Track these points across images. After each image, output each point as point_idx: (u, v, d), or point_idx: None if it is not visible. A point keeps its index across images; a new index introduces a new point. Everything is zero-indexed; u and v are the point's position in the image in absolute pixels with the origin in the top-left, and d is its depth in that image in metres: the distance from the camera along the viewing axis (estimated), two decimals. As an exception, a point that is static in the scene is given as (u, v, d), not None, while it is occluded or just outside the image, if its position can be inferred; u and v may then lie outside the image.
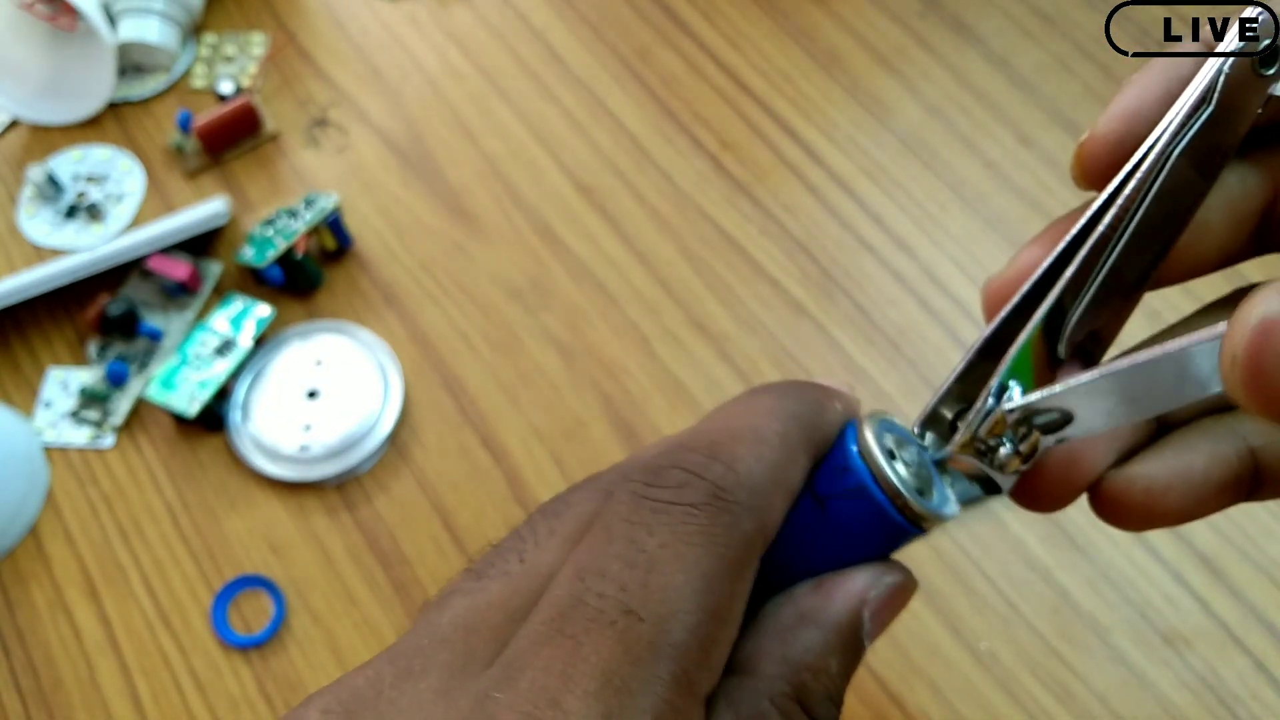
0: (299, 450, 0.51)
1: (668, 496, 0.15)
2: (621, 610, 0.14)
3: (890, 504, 0.17)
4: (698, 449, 0.16)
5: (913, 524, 0.18)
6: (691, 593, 0.15)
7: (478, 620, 0.15)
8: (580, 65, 0.62)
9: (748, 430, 0.17)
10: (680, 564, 0.15)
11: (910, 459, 0.18)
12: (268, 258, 0.54)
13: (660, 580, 0.15)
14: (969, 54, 0.60)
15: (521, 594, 0.16)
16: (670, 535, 0.15)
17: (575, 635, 0.14)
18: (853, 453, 0.18)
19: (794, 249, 0.55)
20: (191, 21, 0.64)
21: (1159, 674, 0.44)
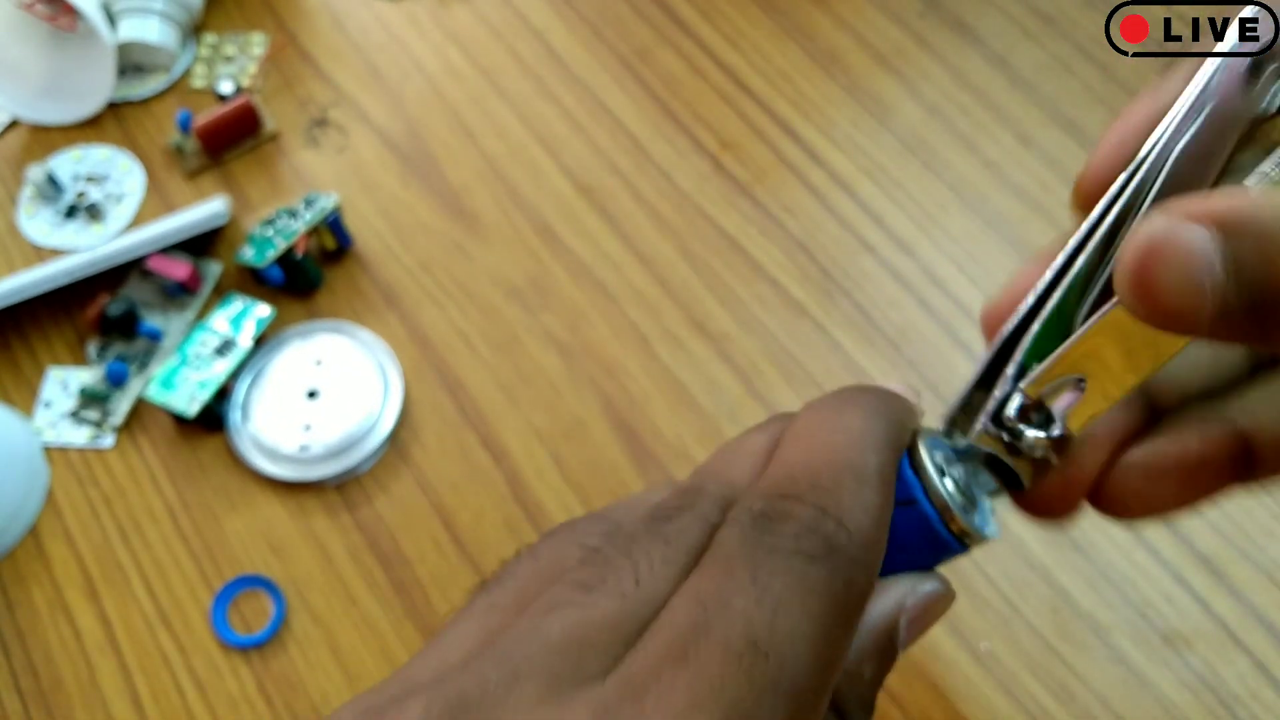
0: (299, 450, 0.51)
1: (785, 544, 0.15)
2: (748, 644, 0.14)
3: (938, 518, 0.18)
4: (801, 495, 0.16)
5: (958, 539, 0.18)
6: (813, 639, 0.15)
7: (591, 636, 0.15)
8: (580, 65, 0.62)
9: (848, 470, 0.17)
10: (804, 610, 0.15)
11: (958, 476, 0.18)
12: (268, 258, 0.54)
13: (786, 623, 0.15)
14: (969, 54, 0.60)
15: (634, 619, 0.15)
16: (793, 581, 0.15)
17: (701, 661, 0.14)
18: (906, 465, 0.18)
19: (794, 249, 0.55)
20: (191, 21, 0.64)
21: (1159, 674, 0.44)
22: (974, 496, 0.19)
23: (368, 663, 0.47)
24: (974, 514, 0.18)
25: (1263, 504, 0.47)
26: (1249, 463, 0.19)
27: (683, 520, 0.17)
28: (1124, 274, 0.15)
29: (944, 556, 0.18)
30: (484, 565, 0.49)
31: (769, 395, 0.52)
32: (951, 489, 0.18)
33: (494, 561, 0.49)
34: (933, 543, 0.18)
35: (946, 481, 0.18)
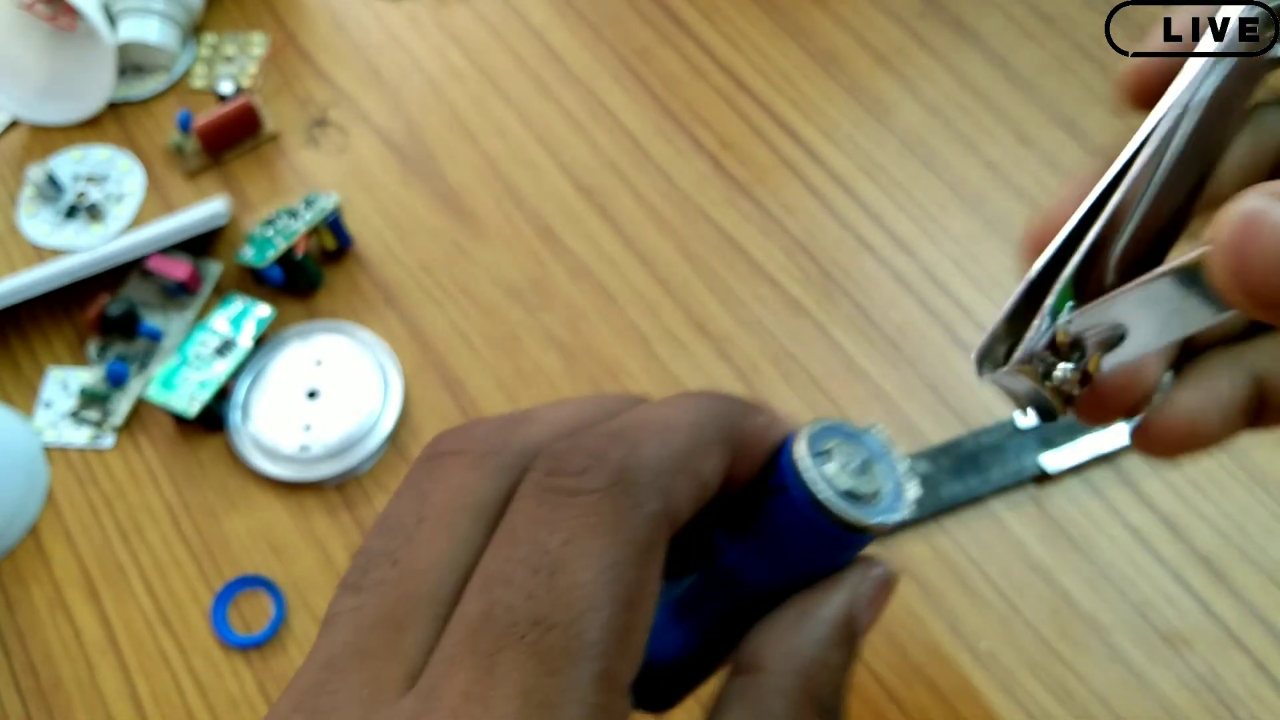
0: (299, 450, 0.51)
1: (570, 485, 0.15)
2: (531, 621, 0.14)
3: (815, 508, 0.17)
4: (602, 434, 0.16)
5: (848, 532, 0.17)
6: (601, 586, 0.14)
7: (368, 643, 0.15)
8: (580, 65, 0.62)
9: (658, 419, 0.17)
10: (586, 559, 0.14)
11: (850, 461, 0.18)
12: (268, 258, 0.54)
13: (567, 580, 0.14)
14: (969, 54, 0.60)
15: (405, 601, 0.15)
16: (575, 528, 0.15)
17: (488, 653, 0.14)
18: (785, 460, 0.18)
19: (794, 249, 0.55)
20: (191, 21, 0.64)
21: (1159, 674, 0.44)
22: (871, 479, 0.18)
23: (368, 663, 0.47)
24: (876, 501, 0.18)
25: (1263, 504, 0.47)
26: (1260, 409, 0.20)
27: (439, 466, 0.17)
28: (1219, 251, 0.14)
29: (851, 546, 0.18)
30: (484, 565, 0.49)
31: (769, 395, 0.52)
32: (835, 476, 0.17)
33: (494, 561, 0.49)
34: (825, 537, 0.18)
35: (829, 468, 0.18)
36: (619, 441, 0.16)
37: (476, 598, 0.15)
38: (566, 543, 0.15)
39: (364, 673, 0.14)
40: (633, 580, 0.15)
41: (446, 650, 0.14)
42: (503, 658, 0.14)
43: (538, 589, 0.14)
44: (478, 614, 0.14)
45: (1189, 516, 0.47)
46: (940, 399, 0.51)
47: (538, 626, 0.14)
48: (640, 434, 0.16)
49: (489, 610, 0.14)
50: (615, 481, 0.15)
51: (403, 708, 0.14)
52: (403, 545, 0.16)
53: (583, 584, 0.14)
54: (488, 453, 0.17)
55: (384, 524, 0.16)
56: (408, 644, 0.15)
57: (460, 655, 0.14)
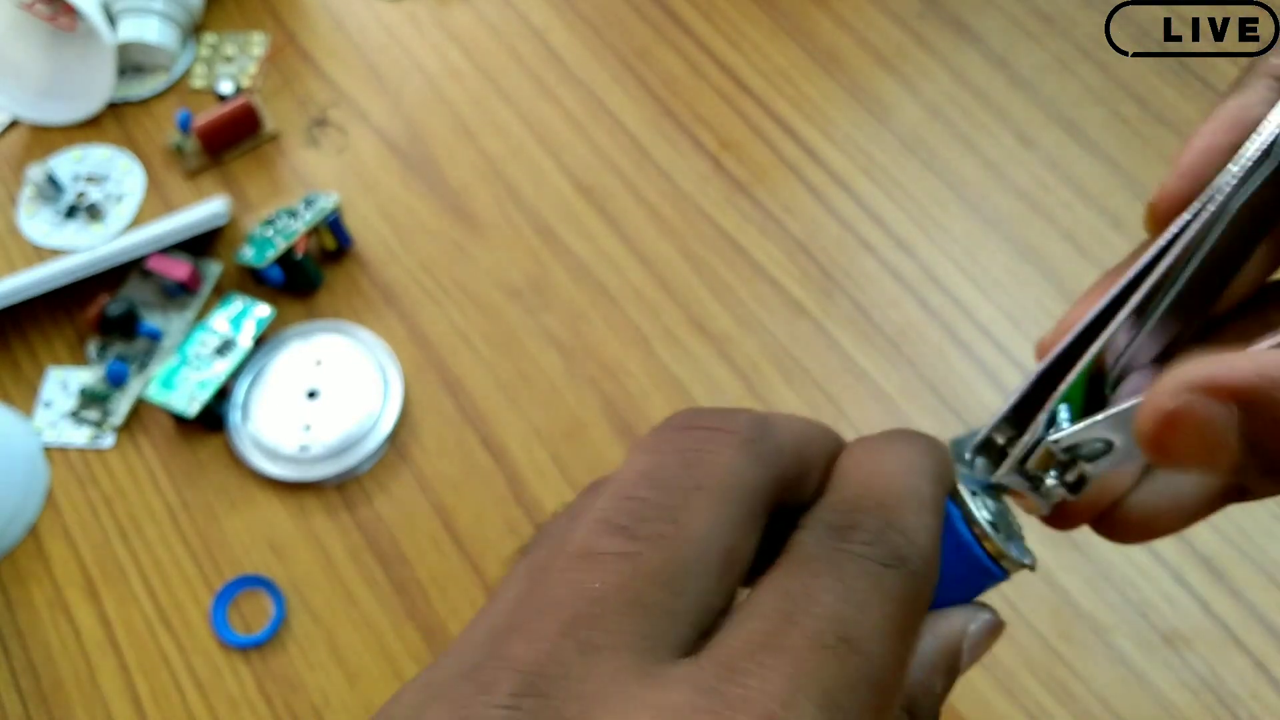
0: (299, 450, 0.51)
1: (861, 550, 0.16)
2: (839, 638, 0.15)
3: (979, 546, 0.19)
4: (870, 511, 0.17)
5: (999, 566, 0.19)
6: (892, 640, 0.15)
7: (645, 594, 0.15)
8: (580, 65, 0.62)
9: (911, 494, 0.17)
10: (883, 610, 0.15)
11: (990, 509, 0.19)
12: (268, 258, 0.54)
13: (871, 622, 0.15)
14: (969, 54, 0.60)
15: (679, 563, 0.15)
16: (872, 583, 0.16)
17: (796, 650, 0.14)
18: (955, 516, 0.19)
19: (794, 249, 0.55)
20: (191, 21, 0.64)
21: (1159, 674, 0.44)
22: (1008, 526, 0.20)
23: (368, 663, 0.47)
24: (1010, 543, 0.19)
25: (1263, 504, 0.47)
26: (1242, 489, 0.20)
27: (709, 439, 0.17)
28: (1141, 436, 0.16)
29: (985, 584, 0.20)
30: (484, 565, 0.49)
31: (769, 395, 0.52)
32: (988, 519, 0.19)
33: (494, 562, 0.49)
34: (975, 570, 0.19)
35: (983, 513, 0.19)
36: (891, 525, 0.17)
37: (773, 601, 0.15)
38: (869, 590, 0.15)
39: (644, 624, 0.15)
40: (908, 648, 0.16)
41: (741, 633, 0.15)
42: (811, 657, 0.14)
43: (846, 616, 0.15)
44: (777, 614, 0.15)
45: (1189, 516, 0.47)
46: (940, 399, 0.51)
47: (845, 645, 0.15)
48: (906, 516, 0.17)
49: (793, 615, 0.15)
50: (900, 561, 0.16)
51: (695, 672, 0.14)
52: (681, 506, 0.16)
53: (884, 632, 0.15)
54: (753, 440, 0.17)
55: (652, 477, 0.16)
56: (683, 608, 0.15)
57: (764, 643, 0.14)
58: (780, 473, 0.17)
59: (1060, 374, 0.19)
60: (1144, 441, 0.16)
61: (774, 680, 0.14)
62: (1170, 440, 0.15)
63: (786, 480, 0.17)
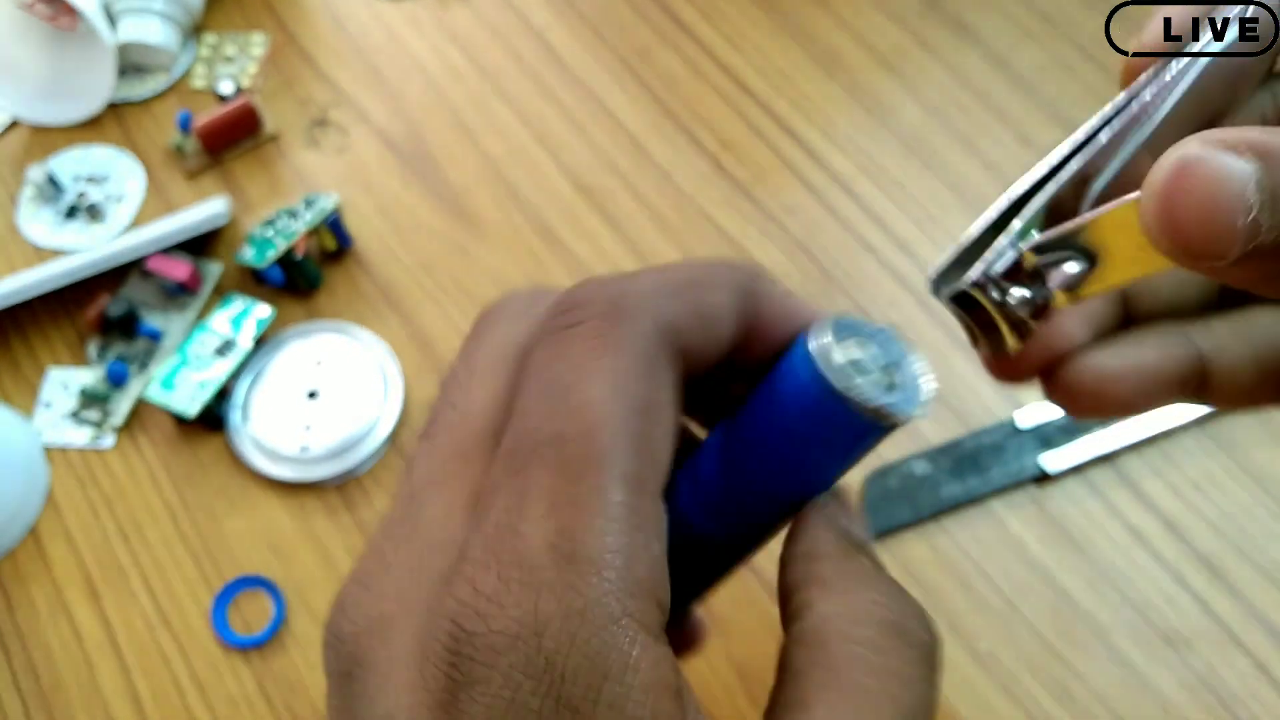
0: (299, 451, 0.51)
1: (572, 318, 0.17)
2: (549, 438, 0.15)
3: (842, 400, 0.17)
4: (606, 277, 0.18)
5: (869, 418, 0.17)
6: (609, 399, 0.16)
7: (440, 474, 0.17)
8: (580, 65, 0.62)
9: (661, 266, 0.18)
10: (593, 378, 0.16)
11: (874, 355, 0.18)
12: (268, 258, 0.54)
13: (577, 399, 0.16)
14: (969, 54, 0.60)
15: (467, 435, 0.17)
16: (579, 354, 0.16)
17: (518, 470, 0.15)
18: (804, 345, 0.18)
19: (794, 249, 0.55)
20: (191, 21, 0.64)
21: (1159, 674, 0.44)
22: (894, 375, 0.18)
23: (368, 663, 0.47)
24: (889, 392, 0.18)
25: (1262, 504, 0.47)
26: (1201, 385, 0.20)
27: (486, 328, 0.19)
28: (1150, 197, 0.14)
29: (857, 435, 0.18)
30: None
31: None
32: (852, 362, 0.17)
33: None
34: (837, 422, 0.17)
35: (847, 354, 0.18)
36: (617, 280, 0.17)
37: (509, 432, 0.16)
38: (574, 368, 0.16)
39: (440, 499, 0.17)
40: (639, 391, 0.16)
41: (489, 477, 0.16)
42: (530, 473, 0.15)
43: (553, 411, 0.16)
44: (509, 443, 0.16)
45: (1189, 516, 0.47)
46: (940, 399, 0.51)
47: (557, 441, 0.15)
48: (640, 273, 0.18)
49: (518, 437, 0.16)
50: (611, 306, 0.17)
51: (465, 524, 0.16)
52: (460, 394, 0.18)
53: (592, 400, 0.16)
54: (522, 311, 0.19)
55: (446, 384, 0.19)
56: (473, 472, 0.17)
57: (498, 478, 0.16)
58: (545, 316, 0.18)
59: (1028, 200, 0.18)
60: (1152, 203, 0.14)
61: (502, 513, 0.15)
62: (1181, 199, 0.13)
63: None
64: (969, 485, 0.48)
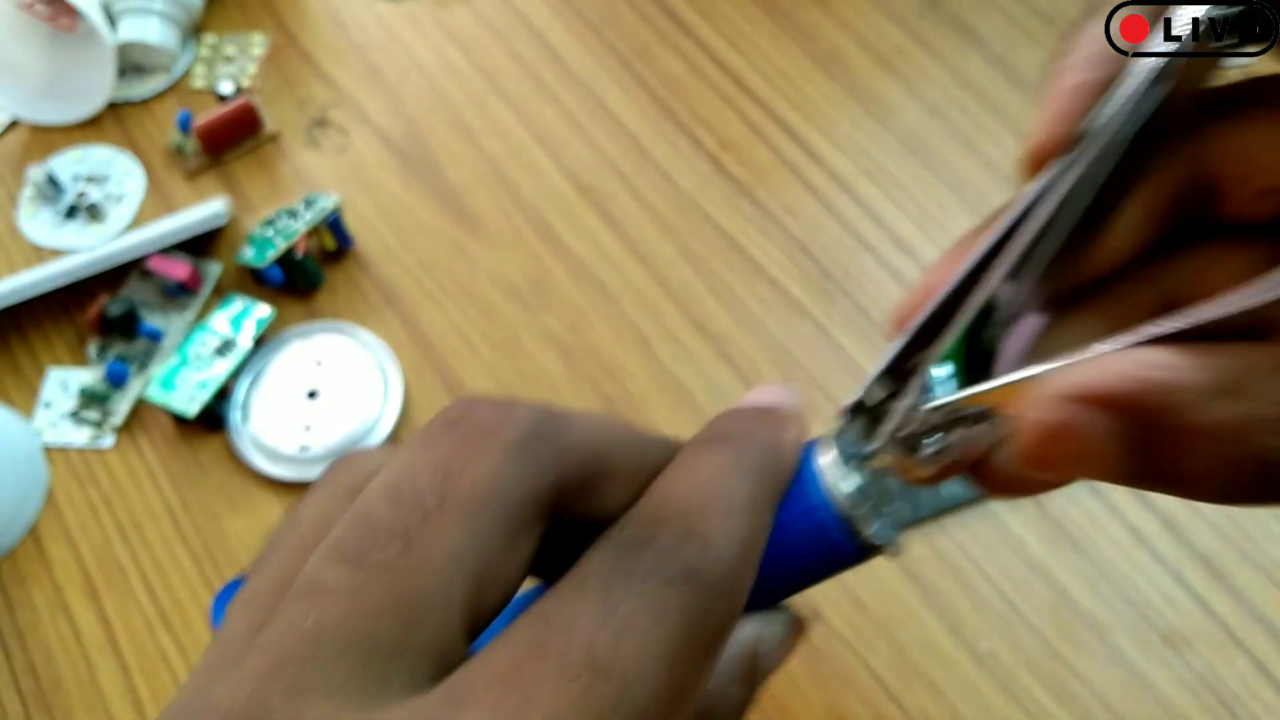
0: (299, 450, 0.51)
1: (643, 568, 0.15)
2: (587, 665, 0.14)
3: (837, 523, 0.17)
4: (668, 522, 0.16)
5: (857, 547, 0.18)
6: (661, 664, 0.14)
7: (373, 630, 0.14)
8: (580, 65, 0.62)
9: (717, 498, 0.16)
10: (653, 634, 0.14)
11: (866, 481, 0.18)
12: (268, 258, 0.54)
13: (631, 645, 0.14)
14: (969, 54, 0.60)
15: (415, 596, 0.14)
16: (645, 604, 0.14)
17: (533, 681, 0.13)
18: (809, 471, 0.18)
19: (794, 249, 0.55)
20: (191, 21, 0.64)
21: (1159, 674, 0.44)
22: (882, 501, 0.18)
23: (368, 663, 0.47)
24: (881, 522, 0.18)
25: (1263, 504, 0.47)
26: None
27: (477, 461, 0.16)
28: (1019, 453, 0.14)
29: (844, 566, 0.18)
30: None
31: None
32: (855, 493, 0.18)
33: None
34: (833, 552, 0.18)
35: (845, 486, 0.18)
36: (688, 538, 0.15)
37: (530, 628, 0.14)
38: (637, 612, 0.14)
39: (367, 663, 0.14)
40: (690, 672, 0.15)
41: (485, 662, 0.14)
42: (547, 688, 0.13)
43: (601, 640, 0.14)
44: (529, 642, 0.14)
45: (1189, 516, 0.47)
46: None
47: (594, 673, 0.14)
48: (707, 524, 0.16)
49: (543, 642, 0.14)
50: (689, 576, 0.15)
51: (415, 707, 0.13)
52: (418, 526, 0.15)
53: (647, 655, 0.14)
54: (525, 443, 0.16)
55: (397, 492, 0.15)
56: (414, 642, 0.14)
57: (503, 672, 0.14)
58: (559, 479, 0.16)
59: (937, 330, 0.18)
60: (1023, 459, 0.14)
61: (494, 714, 0.13)
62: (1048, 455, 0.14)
63: (570, 487, 0.16)
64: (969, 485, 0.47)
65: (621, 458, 0.17)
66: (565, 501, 0.16)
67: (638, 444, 0.18)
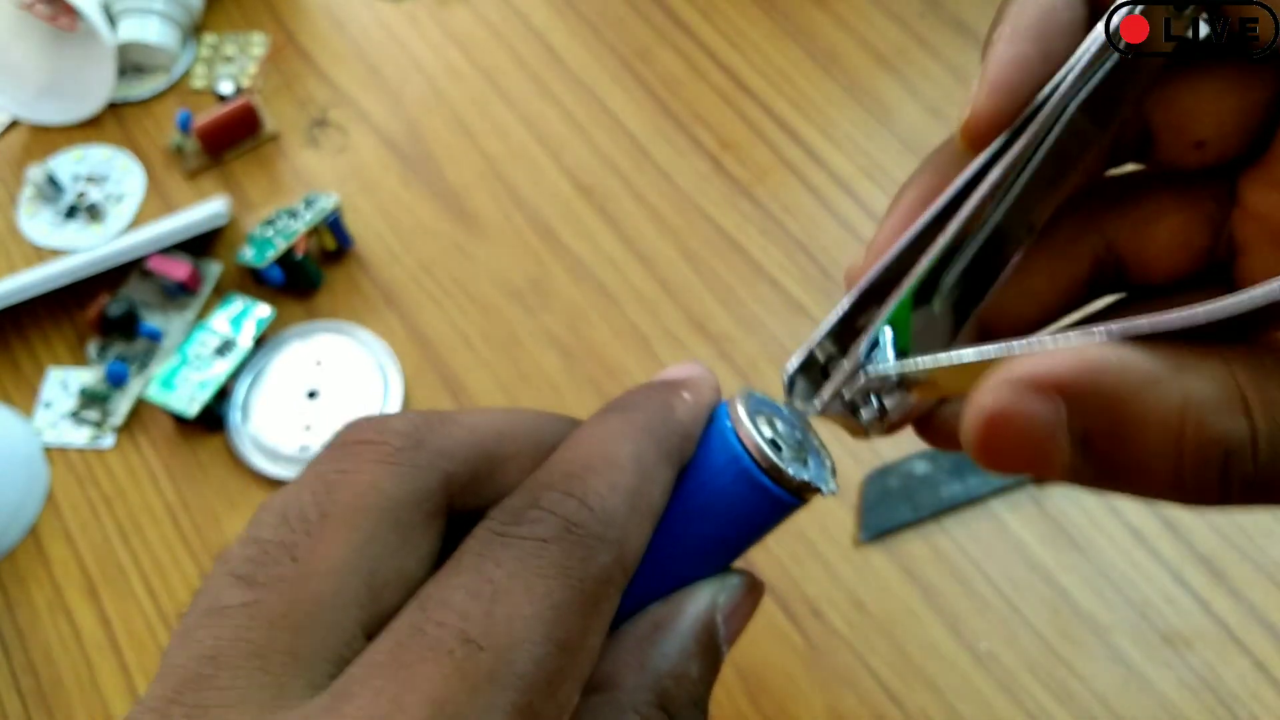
0: (299, 450, 0.51)
1: (520, 531, 0.15)
2: (461, 639, 0.14)
3: (768, 477, 0.17)
4: (552, 485, 0.16)
5: (788, 491, 0.18)
6: (539, 623, 0.14)
7: (265, 642, 0.14)
8: (580, 65, 0.62)
9: (600, 458, 0.16)
10: (529, 595, 0.14)
11: (784, 432, 0.18)
12: (268, 258, 0.54)
13: (505, 610, 0.14)
14: (969, 54, 0.60)
15: (305, 604, 0.14)
16: (519, 567, 0.15)
17: (410, 664, 0.14)
18: (726, 429, 0.18)
19: (794, 249, 0.55)
20: (191, 21, 0.64)
21: (1159, 674, 0.44)
22: (805, 448, 0.18)
23: (368, 663, 0.47)
24: (804, 467, 0.18)
25: (1263, 504, 0.47)
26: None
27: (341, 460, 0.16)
28: (968, 442, 0.14)
29: (776, 513, 0.18)
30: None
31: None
32: (771, 441, 0.18)
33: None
34: (760, 499, 0.18)
35: (764, 433, 0.18)
36: (568, 494, 0.16)
37: (409, 614, 0.15)
38: (511, 577, 0.14)
39: (263, 675, 0.14)
40: (576, 627, 0.15)
41: (370, 656, 0.14)
42: (424, 669, 0.14)
43: (474, 612, 0.14)
44: (407, 627, 0.14)
45: (1189, 516, 0.47)
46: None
47: (468, 645, 0.14)
48: (587, 481, 0.16)
49: (419, 624, 0.14)
50: (566, 531, 0.15)
51: (305, 709, 0.14)
52: (303, 540, 0.15)
53: (523, 617, 0.14)
54: (402, 449, 0.16)
55: (281, 512, 0.16)
56: (309, 648, 0.14)
57: (382, 663, 0.14)
58: (446, 476, 0.16)
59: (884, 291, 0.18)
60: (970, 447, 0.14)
61: (376, 702, 0.13)
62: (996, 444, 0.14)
63: (459, 482, 0.16)
64: (969, 485, 0.48)
65: (515, 444, 0.17)
66: (459, 496, 0.17)
67: (532, 427, 0.18)
